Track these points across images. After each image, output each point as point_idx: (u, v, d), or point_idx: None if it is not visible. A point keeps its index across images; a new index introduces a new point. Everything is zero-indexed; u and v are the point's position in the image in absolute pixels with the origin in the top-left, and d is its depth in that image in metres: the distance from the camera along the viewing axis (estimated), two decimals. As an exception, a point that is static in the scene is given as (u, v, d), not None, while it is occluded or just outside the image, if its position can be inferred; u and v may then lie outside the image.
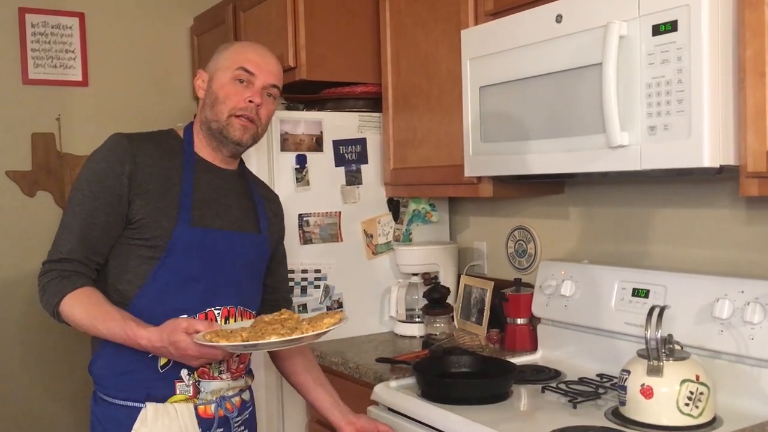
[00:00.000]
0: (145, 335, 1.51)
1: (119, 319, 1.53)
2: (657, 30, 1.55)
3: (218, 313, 1.67)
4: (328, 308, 2.57)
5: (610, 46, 1.61)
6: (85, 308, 1.56)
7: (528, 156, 1.89)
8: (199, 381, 1.65)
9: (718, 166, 1.51)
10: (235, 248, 1.71)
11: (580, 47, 1.71)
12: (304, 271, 2.53)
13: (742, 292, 1.72)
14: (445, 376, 1.99)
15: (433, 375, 1.96)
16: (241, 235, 1.74)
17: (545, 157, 1.84)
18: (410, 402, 1.87)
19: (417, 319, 2.58)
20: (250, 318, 1.72)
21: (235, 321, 1.69)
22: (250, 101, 1.69)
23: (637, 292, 1.95)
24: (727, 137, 1.51)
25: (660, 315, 1.61)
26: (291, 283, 2.50)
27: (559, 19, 1.77)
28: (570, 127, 1.76)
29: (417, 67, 2.45)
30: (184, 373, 1.63)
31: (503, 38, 1.94)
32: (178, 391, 1.62)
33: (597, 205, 2.27)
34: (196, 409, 1.64)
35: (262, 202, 1.83)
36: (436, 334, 2.42)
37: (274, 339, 1.47)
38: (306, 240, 2.54)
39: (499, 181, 2.19)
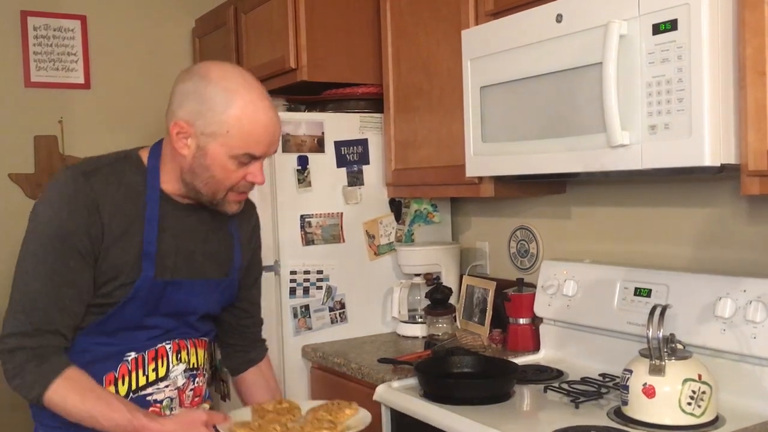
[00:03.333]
0: (156, 428, 1.39)
1: (123, 411, 1.40)
2: (657, 29, 1.55)
3: (169, 348, 1.57)
4: (331, 309, 2.57)
5: (610, 45, 1.60)
6: (81, 397, 1.39)
7: (529, 156, 1.89)
8: None
9: (718, 164, 1.50)
10: (197, 295, 1.58)
11: (581, 47, 1.71)
12: (306, 272, 2.53)
13: (744, 291, 1.72)
14: (448, 376, 1.99)
15: (435, 375, 1.96)
16: (206, 283, 1.59)
17: (546, 157, 1.84)
18: (413, 402, 1.87)
19: (419, 320, 2.58)
20: (202, 347, 1.65)
21: (186, 353, 1.60)
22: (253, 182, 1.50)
23: (639, 292, 1.95)
24: (728, 136, 1.51)
25: (662, 314, 1.61)
26: (294, 285, 2.51)
27: (559, 18, 1.77)
28: (571, 127, 1.76)
29: (418, 67, 2.46)
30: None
31: (504, 38, 1.94)
32: None
33: (598, 204, 2.27)
34: None
35: (237, 231, 1.66)
36: (438, 335, 2.42)
37: None
38: (308, 241, 2.54)
39: (500, 181, 2.19)
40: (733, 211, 1.90)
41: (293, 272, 2.51)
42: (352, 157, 2.62)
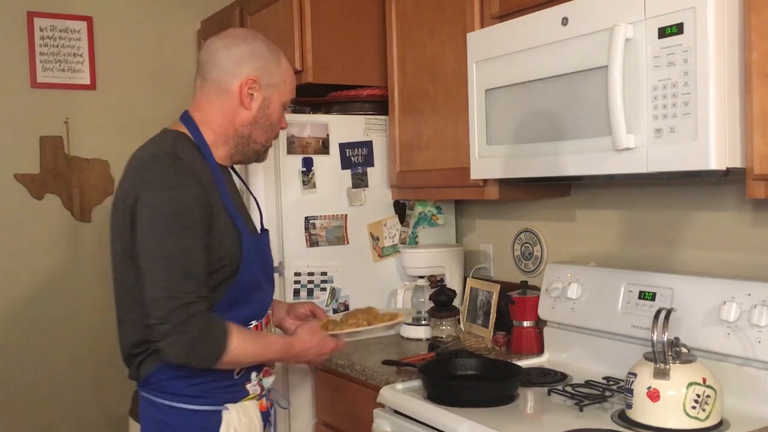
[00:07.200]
0: (299, 342, 1.73)
1: (277, 340, 1.73)
2: (663, 32, 1.55)
3: (270, 314, 1.79)
4: (335, 311, 2.57)
5: (615, 48, 1.61)
6: (251, 340, 1.63)
7: (534, 158, 1.89)
8: (261, 379, 1.74)
9: (724, 168, 1.50)
10: (267, 249, 1.80)
11: (586, 50, 1.71)
12: (311, 274, 2.54)
13: (749, 294, 1.71)
14: (451, 378, 1.99)
15: (439, 377, 1.96)
16: (264, 235, 1.82)
17: (551, 160, 1.84)
18: (416, 404, 1.87)
19: (423, 322, 2.58)
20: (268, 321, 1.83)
21: (269, 321, 1.80)
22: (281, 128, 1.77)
23: (643, 295, 1.95)
24: (734, 139, 1.51)
25: (667, 318, 1.61)
26: (297, 286, 2.52)
27: (564, 21, 1.77)
28: (576, 130, 1.76)
29: (423, 70, 2.46)
30: (253, 375, 1.71)
31: (509, 41, 1.95)
32: (250, 392, 1.70)
33: (603, 207, 2.27)
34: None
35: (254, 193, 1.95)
36: (442, 337, 2.42)
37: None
38: (312, 242, 2.54)
39: (505, 183, 2.19)
40: (739, 214, 1.90)
41: (297, 273, 2.51)
42: (356, 158, 2.63)
